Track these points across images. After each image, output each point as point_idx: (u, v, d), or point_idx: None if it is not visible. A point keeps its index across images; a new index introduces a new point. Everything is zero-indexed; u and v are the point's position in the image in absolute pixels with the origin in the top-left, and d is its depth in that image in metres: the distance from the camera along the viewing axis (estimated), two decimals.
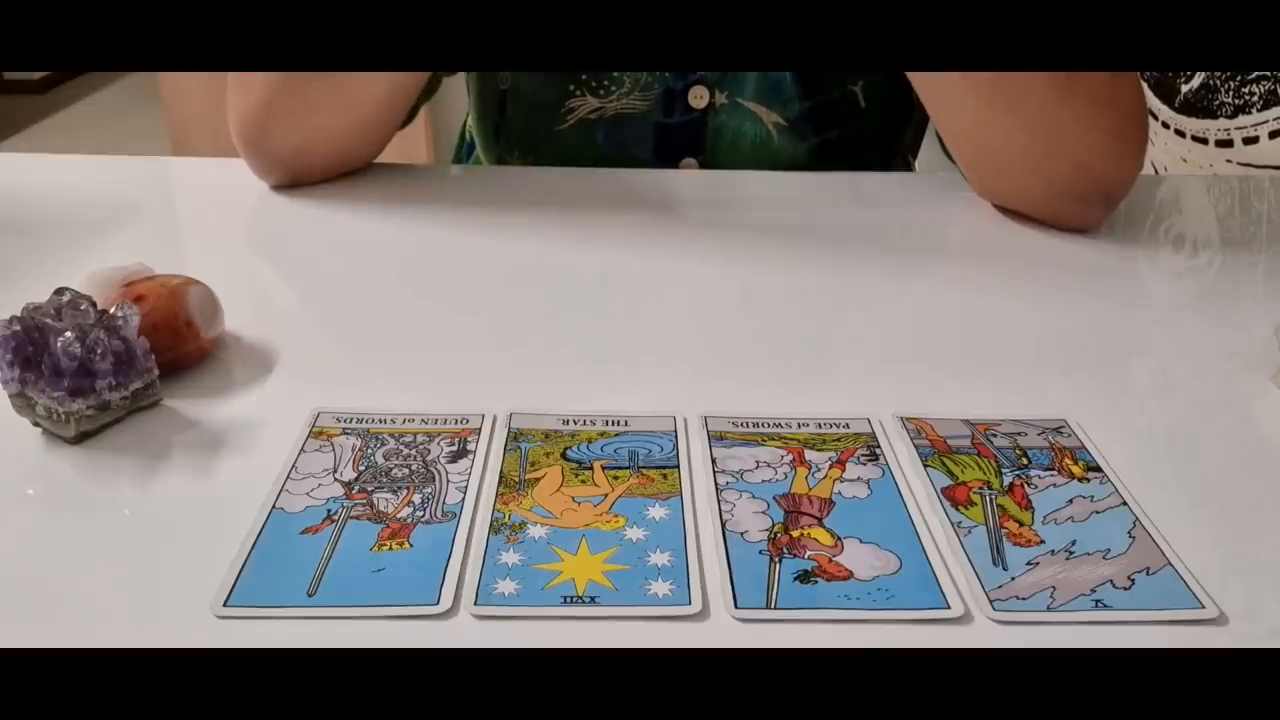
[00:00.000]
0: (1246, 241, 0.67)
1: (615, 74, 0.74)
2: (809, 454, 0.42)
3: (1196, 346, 0.53)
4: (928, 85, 0.64)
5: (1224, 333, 0.55)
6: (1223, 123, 1.12)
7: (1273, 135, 1.06)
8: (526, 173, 0.78)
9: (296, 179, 0.70)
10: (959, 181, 0.72)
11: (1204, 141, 1.05)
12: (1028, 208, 0.67)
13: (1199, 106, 1.07)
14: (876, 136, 0.81)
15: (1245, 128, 1.08)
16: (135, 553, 0.36)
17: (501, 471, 0.41)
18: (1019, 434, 0.44)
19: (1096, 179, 0.64)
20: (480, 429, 0.44)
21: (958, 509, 0.39)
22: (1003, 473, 0.42)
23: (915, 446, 0.43)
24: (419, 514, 0.38)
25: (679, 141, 0.76)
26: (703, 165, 0.77)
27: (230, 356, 0.49)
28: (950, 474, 0.41)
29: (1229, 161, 1.10)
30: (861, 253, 0.64)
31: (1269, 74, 1.06)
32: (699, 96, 0.75)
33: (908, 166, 0.91)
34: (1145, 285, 0.62)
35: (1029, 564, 0.37)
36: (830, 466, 0.42)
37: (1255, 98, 1.07)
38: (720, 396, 0.46)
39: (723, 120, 0.75)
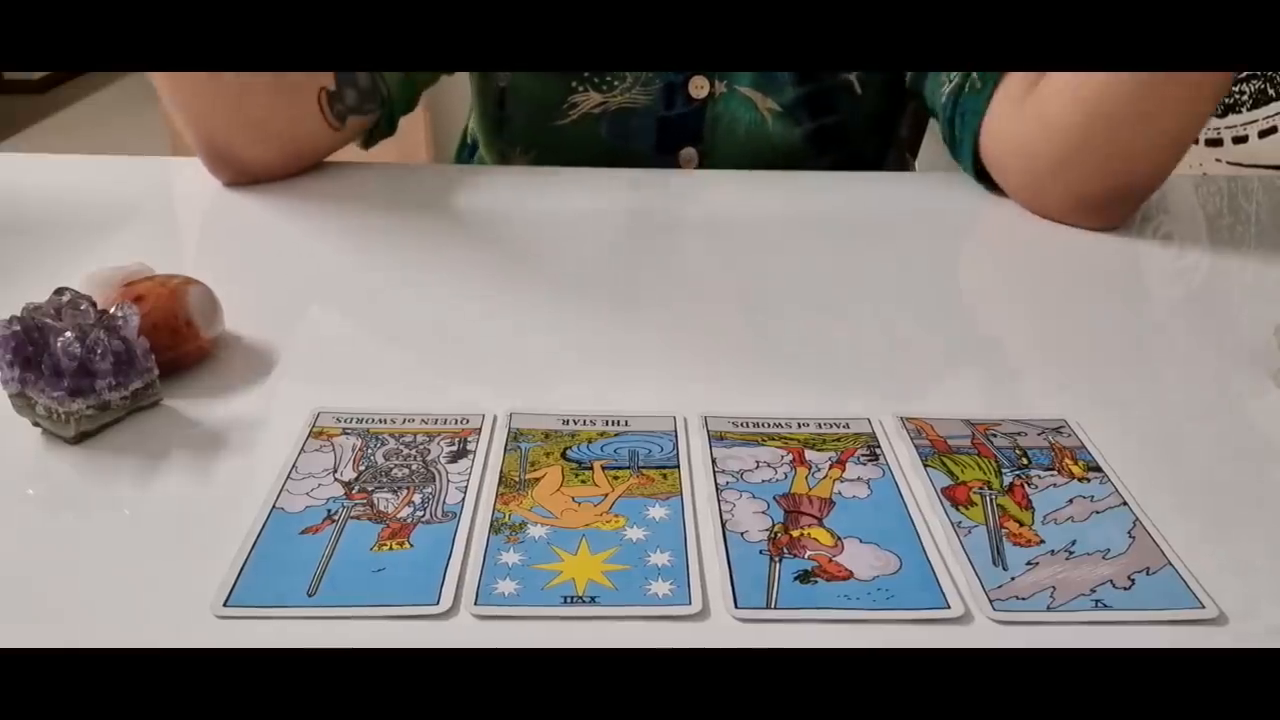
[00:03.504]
0: (1244, 241, 0.67)
1: None
2: (809, 454, 0.42)
3: (1196, 346, 0.53)
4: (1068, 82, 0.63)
5: (1224, 333, 0.55)
6: (1213, 121, 1.12)
7: (1262, 134, 1.06)
8: (526, 172, 0.78)
9: (251, 173, 0.70)
10: (959, 181, 0.72)
11: (1194, 140, 1.06)
12: (1059, 212, 0.67)
13: None
14: (872, 123, 0.81)
15: (1235, 127, 1.08)
16: (135, 553, 0.36)
17: (501, 471, 0.41)
18: (1019, 434, 0.44)
19: (1134, 187, 0.65)
20: (480, 429, 0.44)
21: (958, 509, 0.39)
22: (1003, 473, 0.42)
23: (915, 446, 0.43)
24: (419, 514, 0.38)
25: (679, 132, 0.77)
26: (701, 154, 0.77)
27: (230, 356, 0.49)
28: (950, 474, 0.41)
29: (1218, 160, 1.11)
30: (861, 252, 0.64)
31: (1259, 73, 1.06)
32: (699, 86, 0.75)
33: (908, 166, 0.91)
34: (1144, 285, 0.62)
35: (1029, 564, 0.37)
36: (830, 466, 0.42)
37: (1245, 97, 1.07)
38: (720, 396, 0.46)
39: (720, 108, 0.76)
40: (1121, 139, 0.62)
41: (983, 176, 0.70)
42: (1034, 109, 0.64)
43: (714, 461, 0.42)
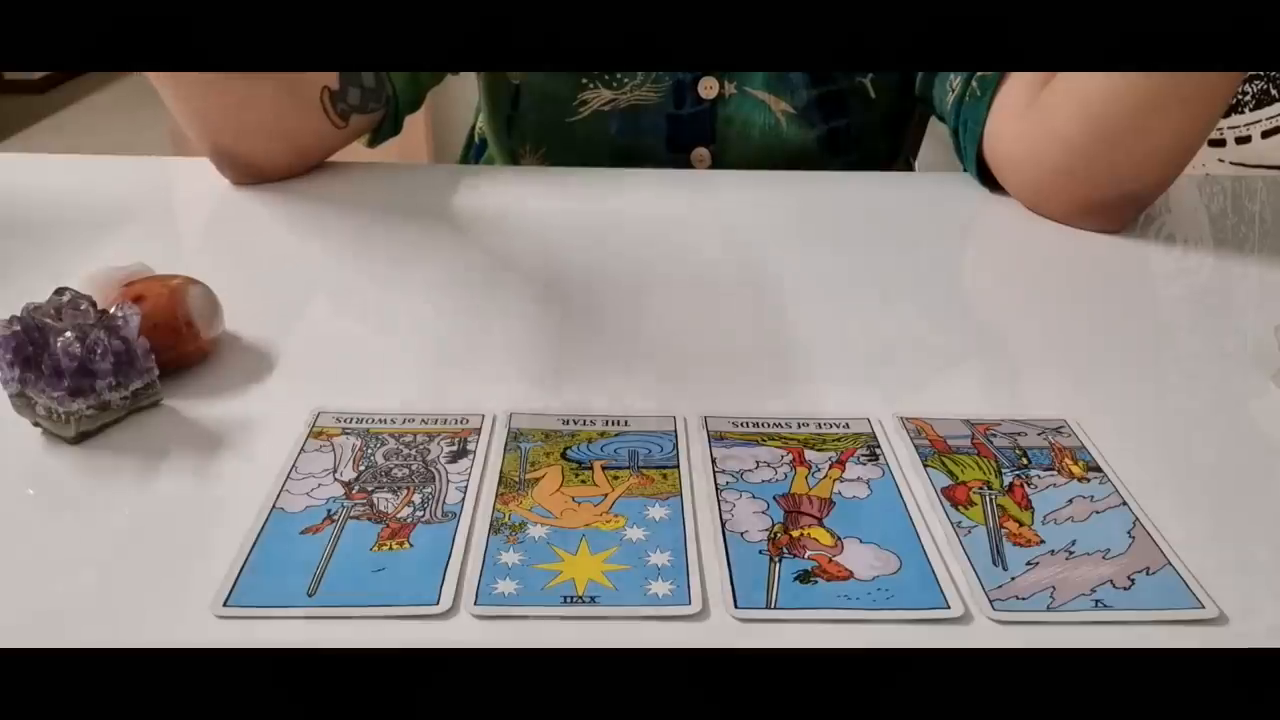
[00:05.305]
0: (1247, 242, 0.67)
1: None
2: (809, 454, 0.42)
3: (1196, 346, 0.53)
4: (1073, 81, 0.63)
5: (1225, 333, 0.55)
6: None
7: (1265, 135, 1.06)
8: (527, 172, 0.78)
9: (259, 172, 0.70)
10: (959, 181, 0.72)
11: (1197, 150, 1.07)
12: (1063, 216, 0.67)
13: None
14: (884, 126, 0.81)
15: (1238, 127, 1.08)
16: (135, 553, 0.36)
17: (501, 471, 0.41)
18: (1019, 434, 0.44)
19: (1137, 194, 0.65)
20: (480, 429, 0.44)
21: (958, 509, 0.39)
22: (1003, 473, 0.42)
23: (915, 446, 0.43)
24: (419, 514, 0.38)
25: (690, 131, 0.77)
26: (714, 154, 0.77)
27: (230, 356, 0.49)
28: (950, 474, 0.41)
29: (1221, 161, 1.11)
30: (861, 252, 0.64)
31: (1262, 74, 1.06)
32: (709, 87, 0.75)
33: (908, 166, 0.91)
34: (1144, 285, 0.62)
35: (1029, 564, 0.37)
36: (830, 466, 0.42)
37: (1248, 97, 1.07)
38: (720, 396, 0.46)
39: (732, 109, 0.76)
40: (1124, 149, 0.62)
41: (988, 181, 0.70)
42: (1038, 119, 0.64)
43: (714, 461, 0.42)
